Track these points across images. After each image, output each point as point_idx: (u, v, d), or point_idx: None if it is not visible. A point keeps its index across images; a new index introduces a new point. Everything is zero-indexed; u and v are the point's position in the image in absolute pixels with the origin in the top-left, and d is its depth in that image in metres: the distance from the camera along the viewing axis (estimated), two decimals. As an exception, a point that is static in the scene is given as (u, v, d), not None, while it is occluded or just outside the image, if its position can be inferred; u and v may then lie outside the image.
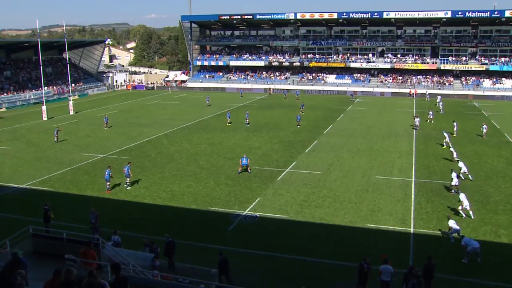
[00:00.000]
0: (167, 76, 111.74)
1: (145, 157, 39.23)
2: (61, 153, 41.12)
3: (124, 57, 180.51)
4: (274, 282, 19.35)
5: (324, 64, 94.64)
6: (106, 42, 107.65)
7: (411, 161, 37.27)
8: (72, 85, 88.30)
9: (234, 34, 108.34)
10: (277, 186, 31.30)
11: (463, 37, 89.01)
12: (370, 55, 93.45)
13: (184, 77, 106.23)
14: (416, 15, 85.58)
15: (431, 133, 48.06)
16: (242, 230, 24.38)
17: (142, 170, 35.31)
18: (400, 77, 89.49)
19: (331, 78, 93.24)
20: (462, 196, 25.75)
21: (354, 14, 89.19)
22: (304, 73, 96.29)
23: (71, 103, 66.64)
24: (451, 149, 38.49)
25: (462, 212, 25.59)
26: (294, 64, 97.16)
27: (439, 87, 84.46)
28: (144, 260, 17.73)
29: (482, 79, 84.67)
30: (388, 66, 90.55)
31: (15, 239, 17.29)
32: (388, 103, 73.57)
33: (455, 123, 47.54)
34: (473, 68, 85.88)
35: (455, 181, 29.11)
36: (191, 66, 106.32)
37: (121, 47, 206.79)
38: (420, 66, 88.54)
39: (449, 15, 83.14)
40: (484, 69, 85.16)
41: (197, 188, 30.98)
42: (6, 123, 58.10)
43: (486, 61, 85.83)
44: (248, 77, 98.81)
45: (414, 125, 50.68)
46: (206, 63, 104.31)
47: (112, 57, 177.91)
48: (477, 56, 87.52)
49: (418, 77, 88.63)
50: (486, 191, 29.93)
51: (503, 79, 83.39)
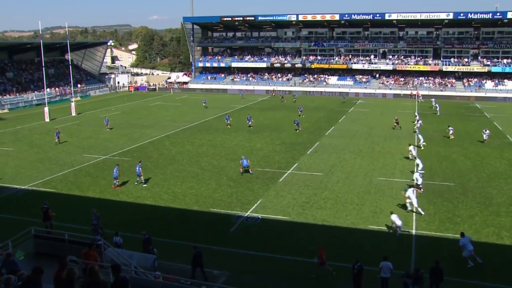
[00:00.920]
0: (169, 78, 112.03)
1: (147, 159, 39.22)
2: (63, 154, 41.17)
3: (126, 58, 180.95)
4: (275, 283, 19.32)
5: (326, 66, 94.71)
6: (108, 44, 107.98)
7: (413, 163, 37.18)
8: (78, 85, 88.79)
9: (236, 36, 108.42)
10: (279, 188, 31.27)
11: (465, 38, 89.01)
12: (372, 56, 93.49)
13: (186, 78, 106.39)
14: (418, 16, 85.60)
15: (433, 135, 47.96)
16: (244, 231, 24.35)
17: (144, 171, 35.10)
18: (402, 79, 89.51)
19: (333, 79, 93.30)
20: (410, 191, 26.51)
21: (356, 15, 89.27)
22: (306, 75, 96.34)
23: (73, 104, 66.79)
24: (410, 148, 38.61)
25: (409, 206, 26.47)
26: (296, 65, 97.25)
27: (441, 88, 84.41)
28: (146, 261, 17.75)
29: (484, 81, 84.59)
30: (390, 67, 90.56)
31: (17, 240, 17.32)
32: (390, 104, 73.54)
33: (450, 128, 46.81)
34: (475, 70, 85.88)
35: (420, 181, 29.71)
36: (193, 67, 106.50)
37: (123, 48, 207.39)
38: (422, 67, 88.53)
39: (451, 16, 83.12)
40: (486, 70, 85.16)
41: (199, 190, 30.98)
42: (9, 124, 58.21)
43: (488, 63, 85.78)
44: (250, 78, 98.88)
45: (416, 127, 50.49)
46: (208, 64, 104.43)
47: (114, 59, 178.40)
48: (479, 58, 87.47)
49: (420, 78, 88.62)
50: (489, 193, 29.85)
51: (506, 80, 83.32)
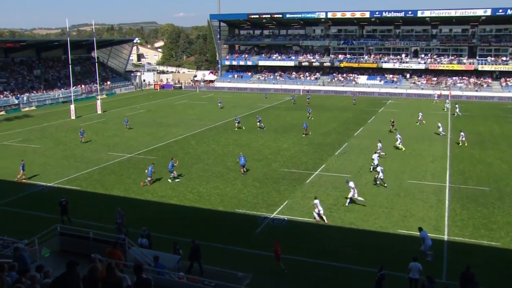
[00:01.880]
0: (195, 76, 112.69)
1: (172, 158, 39.55)
2: (89, 152, 41.91)
3: (152, 56, 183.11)
4: (300, 287, 19.25)
5: (355, 65, 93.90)
6: (134, 41, 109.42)
7: (445, 166, 36.56)
8: (109, 82, 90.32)
9: (263, 34, 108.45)
10: (306, 189, 31.16)
11: (504, 36, 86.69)
12: (403, 55, 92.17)
13: (212, 76, 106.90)
14: (453, 13, 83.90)
15: (467, 137, 46.96)
16: (270, 233, 24.32)
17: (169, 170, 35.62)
18: (435, 78, 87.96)
19: (363, 79, 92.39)
20: (352, 184, 27.96)
21: (387, 13, 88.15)
22: (334, 74, 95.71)
23: (98, 102, 67.92)
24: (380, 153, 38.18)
25: (350, 198, 27.88)
26: (325, 64, 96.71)
27: (476, 89, 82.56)
28: (170, 262, 17.87)
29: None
30: (422, 66, 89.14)
31: (42, 238, 17.67)
32: (421, 105, 72.35)
33: (462, 133, 44.46)
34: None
35: (381, 175, 31.06)
36: (219, 65, 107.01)
37: (149, 46, 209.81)
38: (456, 66, 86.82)
39: (488, 13, 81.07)
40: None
41: (224, 190, 31.11)
42: (36, 122, 59.60)
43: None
44: (278, 77, 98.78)
45: (439, 131, 49.06)
46: (234, 62, 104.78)
47: (140, 56, 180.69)
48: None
49: (454, 78, 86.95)
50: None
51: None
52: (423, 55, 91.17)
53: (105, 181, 33.27)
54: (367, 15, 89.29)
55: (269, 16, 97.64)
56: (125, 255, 16.48)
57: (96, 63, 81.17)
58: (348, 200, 28.02)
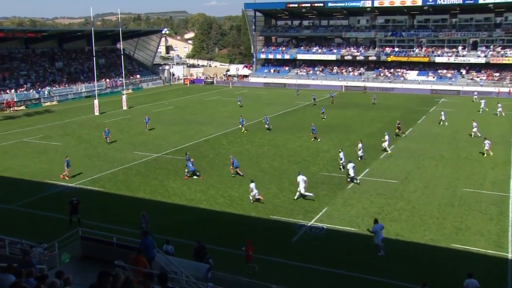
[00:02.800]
0: (228, 70, 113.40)
1: (202, 158, 39.91)
2: (113, 151, 42.68)
3: (182, 48, 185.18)
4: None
5: (405, 59, 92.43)
6: (163, 32, 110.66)
7: (509, 173, 35.54)
8: (138, 76, 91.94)
9: (302, 24, 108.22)
10: (347, 195, 30.92)
11: None
12: (460, 48, 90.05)
13: (246, 71, 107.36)
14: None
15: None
16: (307, 242, 24.26)
17: (199, 172, 35.93)
18: (497, 74, 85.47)
19: (412, 74, 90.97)
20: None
21: (442, 0, 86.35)
22: (381, 69, 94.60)
23: (124, 97, 69.13)
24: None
25: (298, 194, 29.96)
26: (370, 58, 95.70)
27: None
28: (198, 271, 17.99)
29: None
30: (482, 60, 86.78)
31: (63, 242, 18.05)
32: (480, 103, 70.62)
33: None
34: None
35: (351, 173, 32.71)
36: (254, 59, 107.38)
37: (178, 37, 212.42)
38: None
39: None
40: None
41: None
42: (57, 117, 61.13)
43: None
44: (317, 72, 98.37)
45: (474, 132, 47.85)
46: (271, 56, 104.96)
47: (168, 48, 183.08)
48: None
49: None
50: None
51: None
52: (483, 48, 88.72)
53: (130, 183, 33.81)
54: (419, 2, 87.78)
55: (309, 5, 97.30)
56: (151, 262, 16.66)
57: (122, 56, 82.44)
58: (297, 194, 29.98)
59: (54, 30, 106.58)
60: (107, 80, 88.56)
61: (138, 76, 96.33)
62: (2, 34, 77.70)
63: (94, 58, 71.17)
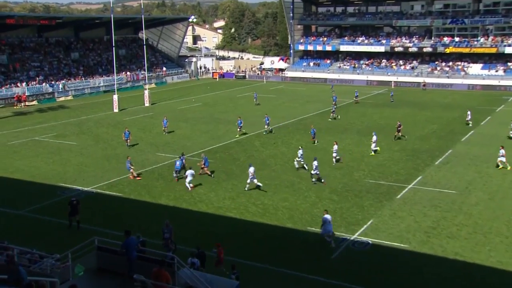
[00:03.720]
0: (262, 63, 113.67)
1: (232, 161, 40.07)
2: (133, 152, 43.12)
3: (211, 38, 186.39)
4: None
5: (466, 50, 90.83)
6: (190, 20, 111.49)
7: None
8: (164, 69, 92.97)
9: (347, 11, 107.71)
10: (396, 206, 30.60)
11: None
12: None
13: (282, 64, 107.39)
14: None
15: None
16: (350, 259, 24.10)
17: (228, 176, 36.09)
18: None
19: (476, 68, 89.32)
20: (252, 169, 32.67)
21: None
22: (437, 62, 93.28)
23: (146, 92, 69.93)
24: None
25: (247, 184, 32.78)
26: (424, 50, 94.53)
27: None
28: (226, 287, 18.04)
29: None
30: None
31: (76, 252, 18.28)
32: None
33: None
34: None
35: (315, 170, 34.22)
36: (291, 51, 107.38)
37: (207, 26, 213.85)
38: None
39: None
40: None
41: (295, 203, 31.12)
42: (72, 114, 62.28)
43: None
44: (363, 66, 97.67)
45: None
46: (310, 47, 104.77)
47: (196, 38, 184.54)
48: None
49: None
50: None
51: None
52: None
53: (152, 187, 34.18)
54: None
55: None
56: (174, 277, 16.76)
57: (145, 46, 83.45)
58: (247, 185, 32.92)
59: (70, 17, 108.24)
60: (128, 73, 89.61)
61: (164, 69, 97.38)
62: (13, 21, 78.28)
63: (113, 48, 71.87)
